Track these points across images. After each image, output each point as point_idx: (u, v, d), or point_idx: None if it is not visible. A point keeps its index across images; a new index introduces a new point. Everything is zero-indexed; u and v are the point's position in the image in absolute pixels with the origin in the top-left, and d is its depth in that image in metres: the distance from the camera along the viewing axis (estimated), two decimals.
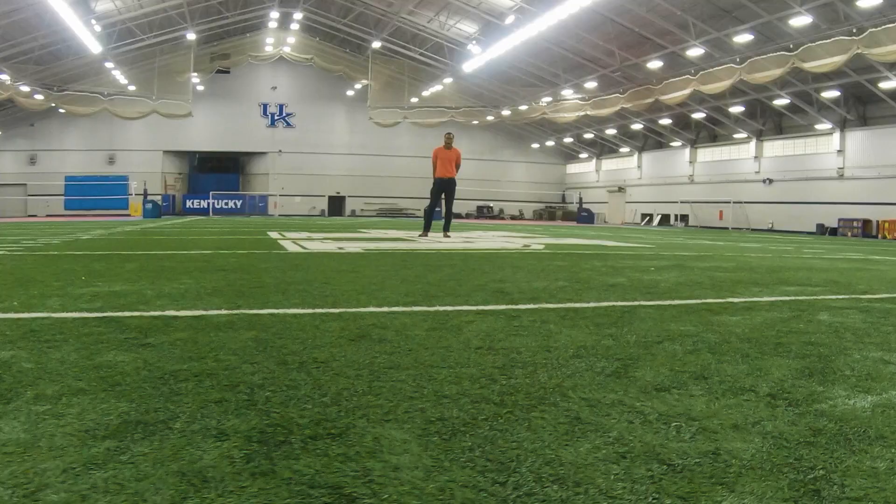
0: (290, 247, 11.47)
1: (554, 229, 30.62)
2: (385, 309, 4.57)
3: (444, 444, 2.02)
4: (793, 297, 5.71)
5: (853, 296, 6.01)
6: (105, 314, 4.16)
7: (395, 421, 2.22)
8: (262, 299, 4.91)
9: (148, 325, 3.81)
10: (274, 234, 16.84)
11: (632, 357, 3.24)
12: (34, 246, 11.16)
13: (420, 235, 16.87)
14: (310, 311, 4.44)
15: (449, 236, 16.63)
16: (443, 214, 17.89)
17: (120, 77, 50.47)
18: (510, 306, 4.80)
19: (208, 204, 57.83)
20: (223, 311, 4.34)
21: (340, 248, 11.28)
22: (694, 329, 4.01)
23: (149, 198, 46.46)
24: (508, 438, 2.07)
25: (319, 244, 12.63)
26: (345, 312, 4.39)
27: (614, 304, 5.04)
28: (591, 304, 4.95)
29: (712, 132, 51.77)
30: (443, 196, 17.23)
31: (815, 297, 5.76)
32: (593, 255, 10.84)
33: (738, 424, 2.26)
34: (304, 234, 16.88)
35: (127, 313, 4.20)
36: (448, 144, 16.79)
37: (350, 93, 61.31)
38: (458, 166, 16.97)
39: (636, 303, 5.11)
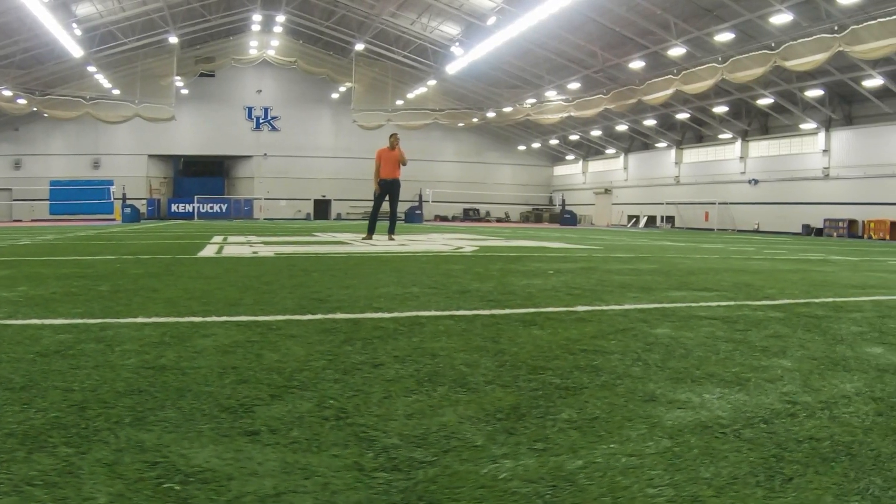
0: (207, 252, 11.06)
1: (524, 231, 30.18)
2: (133, 320, 4.21)
3: None
4: (663, 305, 5.24)
5: (743, 302, 5.54)
6: None
7: None
8: (49, 308, 4.56)
9: None
10: (217, 239, 16.37)
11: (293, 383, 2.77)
12: None
13: (363, 238, 16.37)
14: (65, 321, 4.05)
15: (394, 239, 16.14)
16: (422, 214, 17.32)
17: (103, 81, 50.08)
18: (283, 317, 4.39)
19: (193, 208, 57.35)
20: None
21: (255, 253, 10.90)
22: (455, 345, 3.54)
23: (128, 202, 46.01)
24: None
25: (239, 248, 12.26)
26: (85, 324, 4.02)
27: (421, 313, 4.60)
28: (384, 315, 4.49)
29: (698, 133, 51.41)
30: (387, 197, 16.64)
31: (692, 304, 5.29)
32: (514, 258, 10.41)
33: None
34: (244, 239, 16.39)
35: None
36: (392, 145, 16.27)
37: (335, 95, 61.04)
38: (402, 165, 16.41)
39: (451, 312, 4.66)
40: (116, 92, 51.63)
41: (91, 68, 47.67)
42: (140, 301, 4.99)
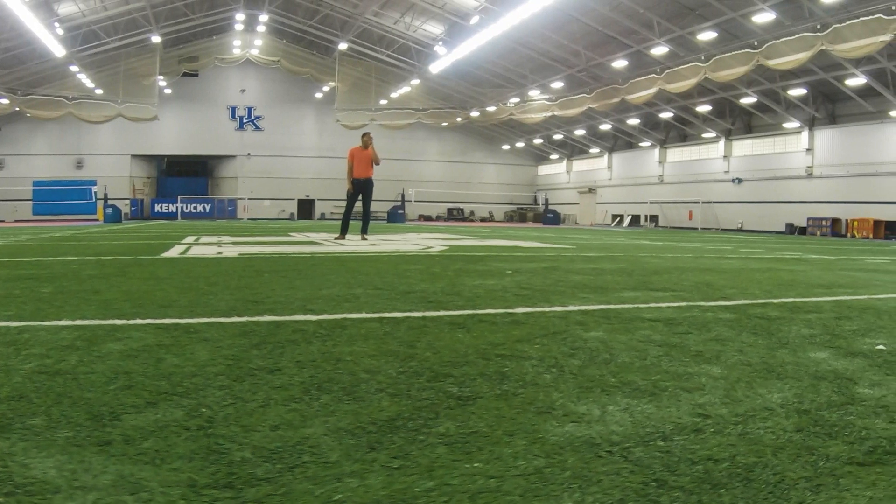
0: (171, 253, 10.84)
1: (504, 231, 30.01)
2: (56, 322, 4.05)
3: None
4: (611, 306, 5.06)
5: (696, 303, 5.36)
6: None
7: None
8: None
9: None
10: (189, 239, 16.12)
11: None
12: None
13: (336, 238, 16.18)
14: None
15: (366, 239, 15.96)
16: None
17: (86, 80, 49.84)
18: (208, 319, 4.22)
19: (176, 208, 57.06)
20: None
21: (219, 253, 10.70)
22: (366, 350, 3.37)
23: (110, 202, 45.76)
24: None
25: (206, 249, 12.05)
26: (7, 326, 3.89)
27: (351, 315, 4.41)
28: (311, 317, 4.30)
29: (682, 132, 51.41)
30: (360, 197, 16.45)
31: (640, 306, 5.10)
32: (479, 258, 10.21)
33: None
34: (216, 239, 16.16)
35: None
36: (365, 144, 16.08)
37: (318, 95, 60.90)
38: (375, 165, 16.24)
39: (382, 314, 4.47)
40: (99, 92, 51.37)
41: (73, 68, 47.38)
42: (75, 303, 4.82)
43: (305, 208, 62.82)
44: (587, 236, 23.88)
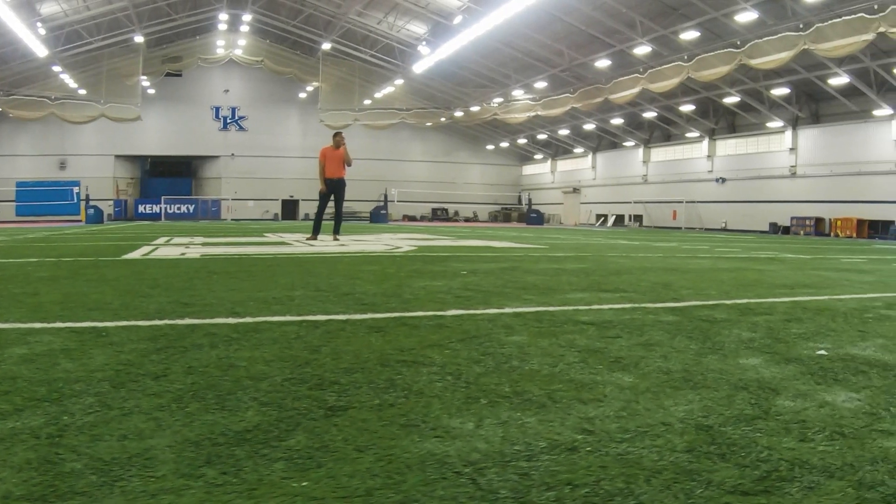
0: (134, 254, 10.72)
1: (483, 231, 29.82)
2: None
3: None
4: (549, 308, 4.93)
5: (642, 304, 5.23)
6: None
7: None
8: None
9: None
10: (161, 240, 15.97)
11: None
12: None
13: (308, 239, 16.08)
14: None
15: (338, 239, 15.85)
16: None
17: (69, 81, 49.48)
18: (127, 322, 4.12)
19: (160, 209, 56.75)
20: None
21: (182, 254, 10.57)
22: (266, 355, 3.26)
23: (93, 203, 45.57)
24: None
25: (171, 250, 11.93)
26: None
27: (273, 318, 4.30)
28: (232, 320, 4.20)
29: (665, 132, 51.41)
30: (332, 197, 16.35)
31: (581, 307, 4.98)
32: (441, 259, 10.11)
33: None
34: (188, 240, 15.99)
35: None
36: (337, 144, 15.96)
37: (302, 95, 60.69)
38: (347, 165, 16.12)
39: (305, 317, 4.37)
40: (83, 92, 51.03)
41: (56, 68, 47.03)
42: (6, 305, 4.75)
43: (289, 209, 62.56)
44: (565, 236, 23.78)
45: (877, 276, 8.54)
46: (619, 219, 55.37)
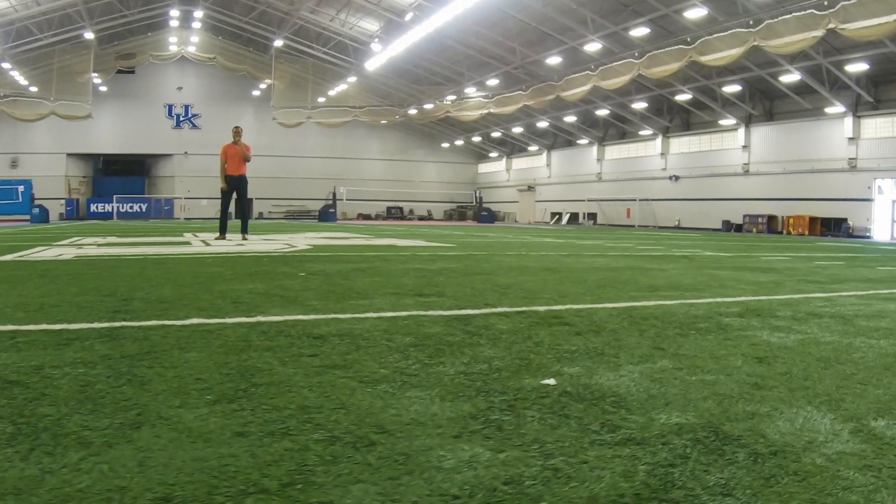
0: (11, 256, 10.18)
1: (419, 229, 29.43)
2: None
3: None
4: (305, 317, 4.45)
5: (429, 312, 4.76)
6: None
7: None
8: None
9: None
10: (69, 240, 15.32)
11: None
12: None
13: (216, 238, 15.57)
14: None
15: (247, 238, 15.35)
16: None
17: (19, 78, 48.55)
18: None
19: (113, 208, 55.79)
20: None
21: (59, 256, 10.06)
22: None
23: (38, 202, 44.76)
24: None
25: (65, 250, 11.47)
26: None
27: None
28: None
29: (620, 130, 51.35)
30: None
31: (341, 316, 4.44)
32: (309, 258, 9.70)
33: None
34: (100, 240, 15.34)
35: None
36: (236, 140, 15.43)
37: (256, 93, 60.09)
38: (247, 161, 15.60)
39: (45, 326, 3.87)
40: (34, 89, 50.12)
41: (6, 64, 46.13)
42: None
43: None
44: (496, 234, 23.44)
45: (776, 277, 8.05)
46: (574, 217, 55.16)
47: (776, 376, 3.02)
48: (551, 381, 2.84)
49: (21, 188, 48.63)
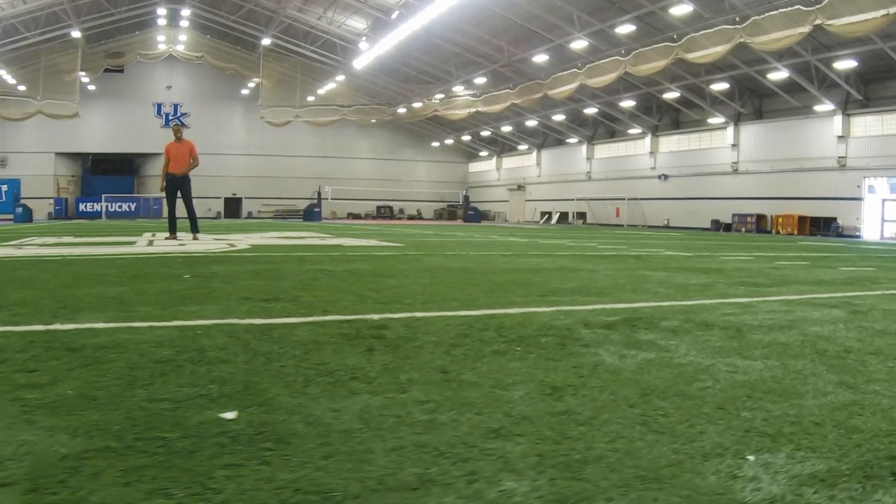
0: None
1: (400, 228, 28.97)
2: None
3: None
4: (134, 323, 4.10)
5: (286, 319, 4.46)
6: None
7: None
8: None
9: None
10: (26, 240, 14.99)
11: None
12: None
13: (167, 238, 15.28)
14: None
15: (198, 238, 15.05)
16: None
17: (7, 76, 48.30)
18: None
19: (101, 207, 55.46)
20: None
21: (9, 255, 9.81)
22: None
23: (23, 201, 44.44)
24: None
25: (7, 251, 11.09)
26: None
27: None
28: None
29: (609, 128, 51.15)
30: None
31: (198, 322, 4.10)
32: (234, 259, 9.45)
33: None
34: (55, 240, 15.02)
35: None
36: (178, 137, 15.11)
37: (245, 92, 59.89)
38: (193, 159, 15.26)
39: None
40: (22, 88, 49.85)
41: None
42: None
43: (233, 207, 61.83)
44: (467, 234, 23.14)
45: (712, 279, 7.50)
46: (564, 216, 54.87)
47: (543, 417, 2.32)
48: (230, 416, 2.28)
49: (5, 187, 48.32)
